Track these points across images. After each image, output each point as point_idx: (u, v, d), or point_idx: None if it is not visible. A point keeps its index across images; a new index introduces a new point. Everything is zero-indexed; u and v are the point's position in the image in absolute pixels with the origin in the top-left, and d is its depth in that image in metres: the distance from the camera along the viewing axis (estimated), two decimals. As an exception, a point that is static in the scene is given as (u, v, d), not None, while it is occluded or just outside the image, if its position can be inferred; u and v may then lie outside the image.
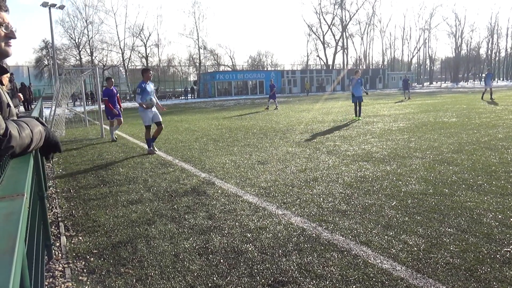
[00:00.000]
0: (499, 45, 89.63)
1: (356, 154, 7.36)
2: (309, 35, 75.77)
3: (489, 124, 10.92)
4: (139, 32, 59.37)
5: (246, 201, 4.78)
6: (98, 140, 11.44)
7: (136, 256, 3.35)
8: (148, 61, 60.69)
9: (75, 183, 6.14)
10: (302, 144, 8.85)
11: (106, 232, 3.98)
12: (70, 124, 16.69)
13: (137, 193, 5.35)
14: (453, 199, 4.41)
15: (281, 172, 6.21)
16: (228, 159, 7.47)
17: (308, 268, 2.99)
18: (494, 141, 8.02)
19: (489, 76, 22.07)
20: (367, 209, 4.24)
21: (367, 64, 78.65)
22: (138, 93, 8.51)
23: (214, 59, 67.45)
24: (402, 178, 5.45)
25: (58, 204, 5.06)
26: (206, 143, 9.69)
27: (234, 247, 3.45)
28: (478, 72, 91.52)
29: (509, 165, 5.86)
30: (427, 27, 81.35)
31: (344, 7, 71.81)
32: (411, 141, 8.61)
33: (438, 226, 3.67)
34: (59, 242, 3.77)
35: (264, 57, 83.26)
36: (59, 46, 54.49)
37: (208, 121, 16.10)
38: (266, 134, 10.96)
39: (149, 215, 4.43)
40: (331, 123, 13.01)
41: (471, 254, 3.08)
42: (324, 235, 3.62)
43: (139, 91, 8.52)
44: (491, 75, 22.33)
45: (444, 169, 5.88)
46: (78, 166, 7.53)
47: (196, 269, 3.08)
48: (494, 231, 3.49)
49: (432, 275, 2.81)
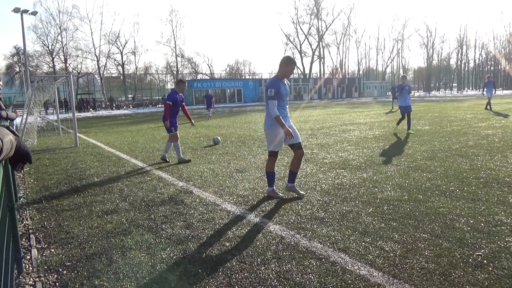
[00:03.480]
0: (468, 56, 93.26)
1: (334, 162, 7.45)
2: (287, 44, 76.84)
3: (460, 132, 11.29)
4: (115, 39, 58.73)
5: (225, 209, 4.75)
6: (72, 149, 11.14)
7: (111, 268, 3.27)
8: (124, 69, 59.93)
9: (47, 194, 5.94)
10: (280, 152, 8.88)
11: (79, 243, 3.86)
12: (43, 132, 16.21)
13: (112, 203, 5.22)
14: (427, 205, 4.52)
15: (260, 180, 6.21)
16: (206, 168, 7.41)
17: (287, 276, 2.99)
18: (465, 148, 8.29)
19: (489, 84, 19.90)
20: (345, 216, 4.29)
21: (343, 73, 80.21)
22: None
23: (191, 67, 67.35)
24: (378, 185, 5.55)
25: (29, 216, 4.88)
26: (183, 152, 9.59)
27: (213, 256, 3.41)
28: (449, 81, 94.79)
29: (479, 172, 6.07)
30: (400, 38, 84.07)
31: (320, 17, 73.32)
32: (386, 148, 8.80)
33: (413, 232, 3.75)
34: (29, 255, 3.62)
35: (242, 65, 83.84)
36: (32, 53, 53.21)
37: (185, 129, 15.98)
38: (245, 142, 10.97)
39: (125, 225, 4.33)
40: (309, 131, 13.14)
41: (445, 259, 3.15)
42: (303, 242, 3.63)
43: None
44: (492, 83, 20.04)
45: (418, 175, 6.02)
46: (50, 176, 7.31)
47: (174, 279, 3.02)
48: (466, 236, 3.59)
49: (408, 280, 2.86)
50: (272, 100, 4.90)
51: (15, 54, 55.01)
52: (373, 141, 10.06)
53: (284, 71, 5.03)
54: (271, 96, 4.91)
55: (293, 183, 5.24)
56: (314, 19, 73.08)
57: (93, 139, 13.75)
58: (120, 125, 20.83)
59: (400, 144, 9.40)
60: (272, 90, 4.92)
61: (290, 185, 5.25)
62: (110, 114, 36.88)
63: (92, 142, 12.82)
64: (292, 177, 5.23)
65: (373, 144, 9.61)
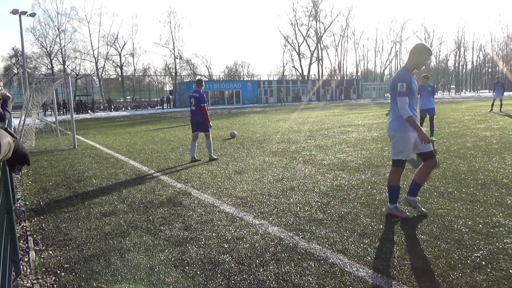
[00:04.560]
0: (466, 58, 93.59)
1: (332, 163, 7.46)
2: (285, 46, 76.98)
3: (458, 133, 11.32)
4: (113, 41, 58.65)
5: (223, 211, 4.75)
6: (70, 151, 11.12)
7: (109, 270, 3.26)
8: (122, 70, 59.89)
9: (45, 195, 5.93)
10: (279, 154, 8.90)
11: (78, 245, 3.85)
12: (41, 134, 16.17)
13: (110, 205, 5.21)
14: (425, 207, 4.53)
15: (258, 181, 6.21)
16: (204, 169, 7.41)
17: (286, 278, 2.99)
18: (463, 150, 8.31)
19: (498, 85, 19.25)
20: (343, 218, 4.29)
21: (341, 75, 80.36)
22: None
23: (190, 69, 67.29)
24: (377, 187, 5.55)
25: (27, 217, 4.87)
26: (182, 153, 9.59)
27: (211, 258, 3.41)
28: (447, 83, 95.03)
29: (478, 173, 6.08)
30: (398, 40, 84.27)
31: (318, 19, 73.42)
32: (384, 150, 8.81)
33: (412, 233, 3.75)
34: (27, 257, 3.61)
35: (240, 67, 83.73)
36: (30, 55, 53.09)
37: (184, 131, 15.97)
38: (243, 143, 10.97)
39: (123, 227, 4.32)
40: (307, 133, 13.15)
41: (443, 260, 3.15)
42: (301, 244, 3.63)
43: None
44: (501, 83, 19.36)
45: (417, 177, 6.02)
46: (48, 177, 7.29)
47: (172, 281, 3.02)
48: (465, 237, 3.59)
49: (406, 281, 2.86)
50: (403, 97, 4.05)
51: (13, 55, 54.90)
52: (371, 143, 10.08)
53: (415, 62, 4.17)
54: (402, 92, 4.05)
55: (415, 196, 4.36)
56: (312, 21, 73.21)
57: (91, 140, 13.73)
58: (119, 126, 20.80)
59: (398, 145, 9.40)
60: (404, 85, 4.05)
61: (411, 198, 4.36)
62: (109, 115, 36.83)
63: (90, 143, 12.80)
64: (415, 190, 4.35)
65: (372, 145, 9.62)
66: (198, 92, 8.48)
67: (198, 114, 8.41)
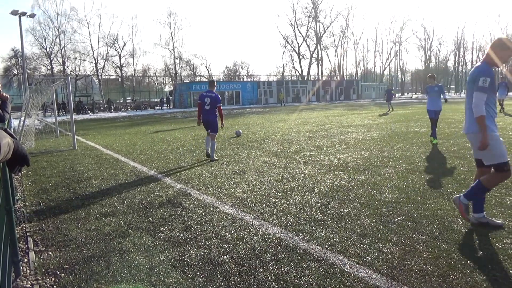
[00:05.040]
0: (465, 58, 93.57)
1: (332, 164, 7.46)
2: (285, 47, 76.98)
3: (457, 133, 11.32)
4: (113, 42, 58.70)
5: (223, 212, 4.75)
6: (69, 151, 11.12)
7: (109, 271, 3.26)
8: (122, 71, 59.91)
9: (45, 196, 5.93)
10: (279, 154, 8.90)
11: (77, 246, 3.85)
12: (40, 135, 16.16)
13: (110, 206, 5.21)
14: (425, 207, 4.53)
15: (258, 182, 6.21)
16: (204, 170, 7.41)
17: (286, 279, 2.99)
18: (462, 150, 8.31)
19: (501, 85, 18.64)
20: (343, 218, 4.29)
21: (341, 75, 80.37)
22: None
23: (190, 70, 67.35)
24: (376, 187, 5.55)
25: (27, 218, 4.87)
26: (182, 154, 9.59)
27: (211, 258, 3.41)
28: (446, 83, 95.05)
29: (477, 173, 6.08)
30: (397, 40, 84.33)
31: (318, 20, 73.47)
32: (384, 150, 8.81)
33: (412, 234, 3.75)
34: (27, 258, 3.61)
35: (240, 67, 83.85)
36: (29, 55, 53.08)
37: (184, 131, 15.97)
38: (243, 144, 10.97)
39: (123, 227, 4.32)
40: (307, 133, 13.15)
41: (443, 261, 3.15)
42: (301, 244, 3.63)
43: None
44: (504, 83, 18.94)
45: (416, 177, 6.03)
46: (48, 178, 7.29)
47: (172, 282, 3.01)
48: (465, 238, 3.59)
49: (406, 282, 2.86)
50: (482, 93, 3.62)
51: (13, 56, 54.91)
52: (371, 143, 10.08)
53: (497, 57, 3.71)
54: (483, 87, 3.61)
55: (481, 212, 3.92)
56: (312, 21, 73.26)
57: (91, 141, 13.72)
58: (118, 127, 20.80)
59: (398, 146, 9.42)
60: (488, 80, 3.61)
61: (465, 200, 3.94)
62: (108, 116, 36.82)
63: (90, 144, 12.80)
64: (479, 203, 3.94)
65: (371, 146, 9.62)
66: (213, 92, 8.62)
67: (211, 114, 8.52)
